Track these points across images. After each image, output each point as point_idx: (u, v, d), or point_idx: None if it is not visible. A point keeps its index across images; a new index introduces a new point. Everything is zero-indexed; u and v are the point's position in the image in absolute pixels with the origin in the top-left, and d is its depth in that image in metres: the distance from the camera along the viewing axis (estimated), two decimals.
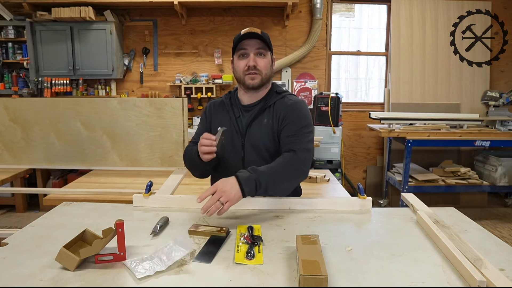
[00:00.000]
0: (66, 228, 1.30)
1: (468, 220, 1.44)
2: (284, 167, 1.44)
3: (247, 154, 1.61)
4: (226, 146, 1.54)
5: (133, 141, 2.84)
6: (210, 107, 1.73)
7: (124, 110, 2.80)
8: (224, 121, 1.64)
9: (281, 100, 1.62)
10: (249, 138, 1.60)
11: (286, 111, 1.57)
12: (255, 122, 1.60)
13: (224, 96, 1.72)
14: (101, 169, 2.89)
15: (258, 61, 1.55)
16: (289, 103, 1.59)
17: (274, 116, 1.59)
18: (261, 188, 1.35)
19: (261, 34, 1.54)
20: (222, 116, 1.67)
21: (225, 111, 1.67)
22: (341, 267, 1.04)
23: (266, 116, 1.60)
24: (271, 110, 1.60)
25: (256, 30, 1.54)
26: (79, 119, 2.82)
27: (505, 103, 4.14)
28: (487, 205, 4.45)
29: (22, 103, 2.85)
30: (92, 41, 4.24)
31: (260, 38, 1.54)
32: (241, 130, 1.61)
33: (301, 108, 1.59)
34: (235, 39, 1.58)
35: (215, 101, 1.74)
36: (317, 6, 4.33)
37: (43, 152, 2.89)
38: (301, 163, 1.48)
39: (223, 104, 1.69)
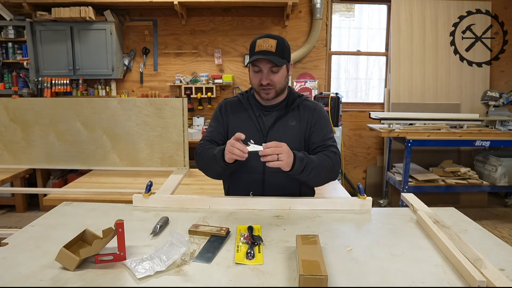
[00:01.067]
0: (66, 228, 1.30)
1: (468, 220, 1.44)
2: (328, 164, 1.53)
3: None
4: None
5: (133, 141, 2.84)
6: (226, 106, 1.72)
7: (124, 110, 2.80)
8: (244, 120, 1.65)
9: (304, 103, 1.67)
10: (272, 138, 1.59)
11: (316, 116, 1.64)
12: (279, 123, 1.63)
13: (240, 96, 1.72)
14: (101, 169, 2.89)
15: (272, 77, 1.57)
16: (313, 106, 1.67)
17: (301, 118, 1.64)
18: (305, 172, 1.46)
19: (274, 53, 1.51)
20: (240, 115, 1.66)
21: (243, 110, 1.67)
22: (341, 267, 1.04)
23: (291, 118, 1.64)
24: (297, 112, 1.65)
25: (269, 48, 1.52)
26: (79, 119, 2.83)
27: (505, 103, 4.13)
28: (487, 205, 4.45)
29: (22, 103, 2.85)
30: (92, 41, 4.24)
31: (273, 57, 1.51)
32: (263, 129, 1.63)
33: (325, 113, 1.70)
34: (251, 47, 1.57)
35: (230, 100, 1.74)
36: (317, 6, 4.32)
37: (43, 152, 2.89)
38: (338, 162, 1.58)
39: (240, 103, 1.69)
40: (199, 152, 1.64)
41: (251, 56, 1.56)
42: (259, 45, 1.53)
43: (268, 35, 1.57)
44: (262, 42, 1.53)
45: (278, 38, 1.55)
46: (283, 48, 1.55)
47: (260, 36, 1.58)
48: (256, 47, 1.54)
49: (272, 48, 1.52)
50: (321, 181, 1.61)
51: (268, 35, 1.57)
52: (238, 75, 4.62)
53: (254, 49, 1.55)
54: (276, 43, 1.53)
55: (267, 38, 1.54)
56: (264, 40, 1.54)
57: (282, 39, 1.58)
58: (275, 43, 1.53)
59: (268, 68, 1.55)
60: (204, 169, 1.66)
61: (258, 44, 1.54)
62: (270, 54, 1.52)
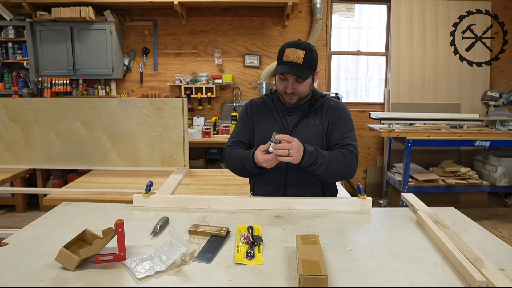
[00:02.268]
0: (66, 228, 1.30)
1: (468, 220, 1.44)
2: (340, 159, 1.56)
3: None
4: None
5: (133, 141, 2.84)
6: (252, 107, 1.76)
7: (124, 110, 2.80)
8: (269, 120, 1.69)
9: (327, 102, 1.71)
10: (295, 135, 1.62)
11: (337, 115, 1.67)
12: (302, 122, 1.67)
13: (265, 97, 1.76)
14: (101, 169, 2.89)
15: (297, 87, 1.59)
16: (336, 105, 1.70)
17: (323, 117, 1.67)
18: (315, 166, 1.50)
19: (301, 64, 1.52)
20: (265, 115, 1.72)
21: (267, 111, 1.72)
22: (341, 267, 1.04)
23: (313, 117, 1.67)
24: (319, 112, 1.69)
25: (297, 59, 1.52)
26: (79, 119, 2.82)
27: (505, 103, 4.13)
28: (487, 205, 4.45)
29: (22, 103, 2.85)
30: (92, 41, 4.24)
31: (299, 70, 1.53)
32: (287, 129, 1.66)
33: (347, 112, 1.73)
34: (279, 54, 1.57)
35: (256, 101, 1.79)
36: (317, 6, 4.32)
37: (43, 152, 2.89)
38: (353, 161, 1.60)
39: (265, 104, 1.74)
40: (228, 157, 1.70)
41: (278, 64, 1.58)
42: (287, 55, 1.54)
43: (297, 44, 1.56)
44: (290, 52, 1.54)
45: (307, 49, 1.55)
46: (311, 59, 1.56)
47: (290, 43, 1.58)
48: (284, 56, 1.55)
49: (300, 59, 1.53)
50: (333, 176, 1.62)
51: (297, 44, 1.56)
52: (238, 75, 4.62)
53: (282, 57, 1.56)
54: (304, 54, 1.53)
55: (296, 49, 1.54)
56: (293, 51, 1.54)
57: (311, 49, 1.57)
58: (303, 54, 1.53)
59: (294, 79, 1.58)
60: (236, 171, 1.71)
61: (286, 54, 1.54)
62: (297, 66, 1.53)
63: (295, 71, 1.53)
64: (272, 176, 1.66)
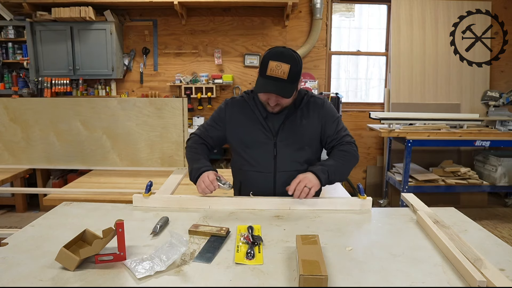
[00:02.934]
0: (66, 228, 1.30)
1: (468, 220, 1.44)
2: (346, 157, 1.62)
3: (279, 152, 1.63)
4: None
5: (133, 141, 2.84)
6: (232, 105, 1.71)
7: (124, 110, 2.80)
8: (251, 121, 1.65)
9: (311, 100, 1.69)
10: (282, 138, 1.63)
11: (325, 112, 1.67)
12: (288, 123, 1.63)
13: (246, 96, 1.71)
14: (101, 169, 2.89)
15: (280, 100, 1.55)
16: (320, 102, 1.69)
17: (311, 116, 1.65)
18: (331, 176, 1.55)
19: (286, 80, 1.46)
20: (247, 115, 1.67)
21: (249, 111, 1.67)
22: (341, 267, 1.04)
23: (300, 117, 1.65)
24: (305, 111, 1.66)
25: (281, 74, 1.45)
26: (79, 119, 2.82)
27: (505, 103, 4.13)
28: (487, 205, 4.44)
29: (22, 103, 2.85)
30: (92, 41, 4.24)
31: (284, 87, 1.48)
32: (272, 129, 1.63)
33: (331, 105, 1.73)
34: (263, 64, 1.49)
35: (236, 100, 1.73)
36: (317, 6, 4.32)
37: (43, 152, 2.89)
38: (356, 151, 1.67)
39: (246, 104, 1.69)
40: (189, 145, 1.74)
41: (262, 77, 1.49)
42: (271, 69, 1.46)
43: (282, 56, 1.47)
44: (275, 67, 1.45)
45: (291, 62, 1.47)
46: (296, 71, 1.49)
47: (274, 54, 1.49)
48: (268, 69, 1.47)
49: (285, 74, 1.46)
50: (349, 173, 1.68)
51: (282, 56, 1.47)
52: (238, 75, 4.62)
53: (265, 70, 1.47)
54: (289, 68, 1.45)
55: (281, 63, 1.45)
56: (277, 65, 1.45)
57: (296, 61, 1.49)
58: (288, 68, 1.45)
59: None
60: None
61: (270, 68, 1.46)
62: (281, 82, 1.47)
63: (279, 89, 1.47)
64: (260, 180, 1.64)
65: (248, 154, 1.66)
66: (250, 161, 1.66)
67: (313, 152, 1.69)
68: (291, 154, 1.64)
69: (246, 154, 1.67)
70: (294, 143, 1.63)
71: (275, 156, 1.63)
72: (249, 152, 1.66)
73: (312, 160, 1.69)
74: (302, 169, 1.61)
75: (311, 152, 1.68)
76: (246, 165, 1.68)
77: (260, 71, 1.53)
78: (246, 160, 1.67)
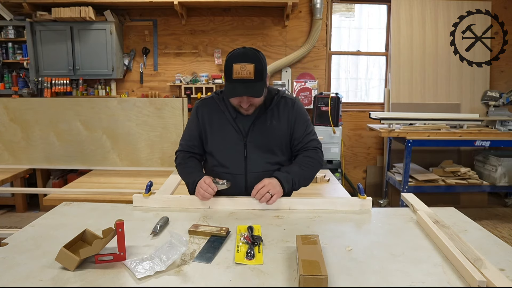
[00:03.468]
0: (66, 228, 1.30)
1: (468, 220, 1.44)
2: (311, 164, 1.64)
3: (250, 153, 1.63)
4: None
5: (133, 141, 2.84)
6: (203, 107, 1.70)
7: (124, 110, 2.81)
8: (221, 123, 1.64)
9: (282, 100, 1.66)
10: (252, 139, 1.62)
11: (295, 113, 1.66)
12: (258, 124, 1.62)
13: (216, 97, 1.69)
14: (101, 169, 2.89)
15: (252, 100, 1.54)
16: (291, 102, 1.67)
17: (281, 117, 1.64)
18: (295, 185, 1.59)
19: (253, 79, 1.44)
20: (217, 116, 1.66)
21: (219, 112, 1.66)
22: (341, 267, 1.04)
23: (270, 118, 1.63)
24: (276, 111, 1.65)
25: (248, 75, 1.43)
26: (79, 119, 2.83)
27: (505, 103, 4.13)
28: (487, 205, 4.44)
29: (22, 103, 2.85)
30: (92, 41, 4.24)
31: (253, 87, 1.47)
32: (242, 130, 1.62)
33: (302, 107, 1.71)
34: (227, 69, 1.48)
35: (206, 100, 1.72)
36: (317, 6, 4.32)
37: (43, 152, 2.89)
38: (321, 158, 1.70)
39: (216, 105, 1.67)
40: (178, 163, 1.73)
41: (229, 84, 1.48)
42: (237, 72, 1.44)
43: (245, 57, 1.46)
44: (239, 69, 1.44)
45: (255, 60, 1.46)
46: (261, 68, 1.47)
47: (236, 56, 1.47)
48: (234, 73, 1.44)
49: (251, 74, 1.44)
50: (311, 179, 1.70)
51: (245, 57, 1.46)
52: None
53: (231, 74, 1.46)
54: (254, 67, 1.44)
55: (245, 64, 1.44)
56: (241, 67, 1.44)
57: (259, 58, 1.48)
58: (253, 68, 1.44)
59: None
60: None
61: (235, 71, 1.44)
62: (250, 83, 1.45)
63: (249, 90, 1.46)
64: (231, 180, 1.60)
65: (219, 155, 1.66)
66: (221, 162, 1.66)
67: (283, 153, 1.68)
68: (262, 155, 1.63)
69: (217, 155, 1.67)
70: (264, 145, 1.63)
71: (246, 157, 1.63)
72: (221, 153, 1.66)
73: (283, 161, 1.68)
74: (273, 169, 1.62)
75: (281, 153, 1.67)
76: (218, 166, 1.68)
77: (226, 76, 1.51)
78: (217, 161, 1.67)
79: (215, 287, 0.95)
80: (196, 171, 1.64)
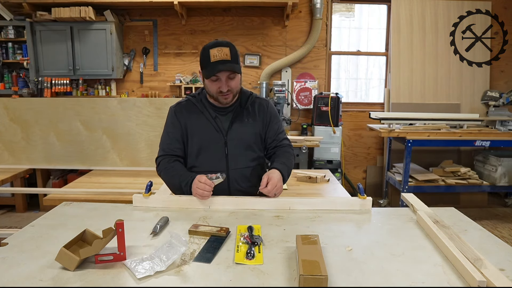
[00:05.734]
0: (66, 228, 1.30)
1: (468, 220, 1.44)
2: (291, 159, 1.75)
3: (230, 151, 1.69)
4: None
5: (133, 141, 2.84)
6: (181, 109, 1.74)
7: (124, 110, 2.81)
8: (201, 122, 1.69)
9: (256, 101, 1.78)
10: (232, 137, 1.69)
11: (269, 113, 1.77)
12: (236, 122, 1.70)
13: (193, 99, 1.75)
14: (101, 169, 2.89)
15: (230, 84, 1.61)
16: (265, 103, 1.79)
17: (256, 116, 1.74)
18: (287, 178, 1.67)
19: (230, 60, 1.55)
20: (197, 117, 1.71)
21: (198, 112, 1.71)
22: (341, 267, 1.04)
23: (246, 116, 1.73)
24: (251, 110, 1.74)
25: (225, 56, 1.54)
26: (79, 119, 2.83)
27: (505, 103, 4.13)
28: (487, 205, 4.44)
29: (22, 103, 2.85)
30: (92, 41, 4.24)
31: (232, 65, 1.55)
32: (222, 129, 1.69)
33: (275, 108, 1.84)
34: (204, 57, 1.57)
35: (182, 103, 1.76)
36: (317, 6, 4.32)
37: (43, 152, 2.89)
38: (294, 155, 1.83)
39: (193, 106, 1.73)
40: (162, 169, 1.70)
41: (209, 67, 1.55)
42: (214, 55, 1.54)
43: (219, 43, 1.57)
44: (216, 52, 1.54)
45: (230, 45, 1.58)
46: (236, 53, 1.59)
47: (211, 44, 1.57)
48: (211, 57, 1.54)
49: (228, 56, 1.55)
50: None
51: (219, 43, 1.57)
52: None
53: (209, 60, 1.55)
54: (229, 50, 1.56)
55: (221, 47, 1.55)
56: (218, 50, 1.55)
57: (232, 44, 1.60)
58: (228, 50, 1.55)
59: (226, 76, 1.58)
60: (170, 186, 1.70)
61: (213, 54, 1.54)
62: (228, 62, 1.55)
63: (229, 67, 1.54)
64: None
65: (201, 155, 1.70)
66: (203, 161, 1.70)
67: (260, 150, 1.77)
68: (241, 152, 1.70)
69: (199, 154, 1.70)
70: (243, 142, 1.70)
71: (227, 155, 1.68)
72: (202, 152, 1.69)
73: (260, 157, 1.78)
74: (252, 165, 1.72)
75: (258, 149, 1.76)
76: (198, 165, 1.70)
77: (203, 64, 1.59)
78: (199, 161, 1.70)
79: (215, 287, 0.95)
80: (186, 172, 1.64)
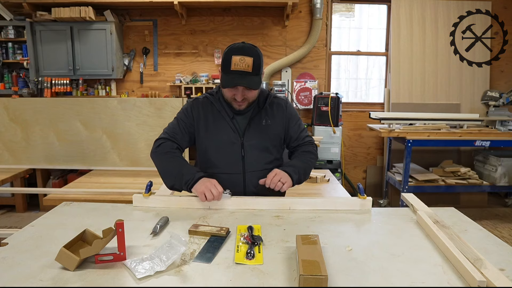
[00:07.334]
0: (66, 228, 1.30)
1: (468, 220, 1.44)
2: (310, 158, 1.71)
3: (247, 153, 1.64)
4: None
5: (133, 141, 2.84)
6: (198, 105, 1.68)
7: (124, 110, 2.81)
8: (218, 121, 1.65)
9: (274, 101, 1.72)
10: (249, 138, 1.64)
11: (288, 113, 1.72)
12: (253, 123, 1.65)
13: (211, 97, 1.69)
14: (101, 169, 2.89)
15: (246, 94, 1.56)
16: (283, 103, 1.73)
17: (275, 117, 1.69)
18: (300, 177, 1.63)
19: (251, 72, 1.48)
20: (214, 115, 1.66)
21: (215, 111, 1.66)
22: (341, 267, 1.04)
23: (264, 117, 1.67)
24: (270, 111, 1.69)
25: (246, 67, 1.47)
26: (79, 119, 2.83)
27: (505, 103, 4.13)
28: (487, 205, 4.44)
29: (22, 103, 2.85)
30: (92, 41, 4.24)
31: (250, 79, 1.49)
32: (239, 130, 1.64)
33: (293, 106, 1.79)
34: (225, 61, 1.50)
35: (201, 100, 1.70)
36: (317, 6, 4.32)
37: (43, 152, 2.89)
38: (316, 150, 1.78)
39: (211, 104, 1.67)
40: (162, 151, 1.59)
41: (227, 75, 1.50)
42: (235, 63, 1.47)
43: (244, 50, 1.50)
44: (238, 61, 1.47)
45: (254, 55, 1.50)
46: (259, 63, 1.52)
47: (235, 49, 1.50)
48: (232, 64, 1.48)
49: (249, 67, 1.48)
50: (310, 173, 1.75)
51: (244, 50, 1.50)
52: None
53: (229, 66, 1.49)
54: (252, 61, 1.48)
55: (244, 57, 1.48)
56: (241, 59, 1.48)
57: (257, 53, 1.52)
58: (251, 61, 1.48)
59: (243, 87, 1.53)
60: (159, 171, 1.59)
61: (234, 62, 1.48)
62: (247, 74, 1.49)
63: (247, 81, 1.49)
64: (230, 181, 1.61)
65: (216, 156, 1.65)
66: (217, 163, 1.65)
67: (278, 151, 1.74)
68: (258, 154, 1.66)
69: (214, 155, 1.66)
70: (261, 143, 1.66)
71: (243, 156, 1.64)
72: (218, 153, 1.65)
73: (278, 159, 1.74)
74: (269, 168, 1.64)
75: (276, 152, 1.72)
76: (213, 167, 1.66)
77: (223, 68, 1.53)
78: (213, 162, 1.66)
79: (215, 287, 0.95)
80: (192, 166, 1.59)
